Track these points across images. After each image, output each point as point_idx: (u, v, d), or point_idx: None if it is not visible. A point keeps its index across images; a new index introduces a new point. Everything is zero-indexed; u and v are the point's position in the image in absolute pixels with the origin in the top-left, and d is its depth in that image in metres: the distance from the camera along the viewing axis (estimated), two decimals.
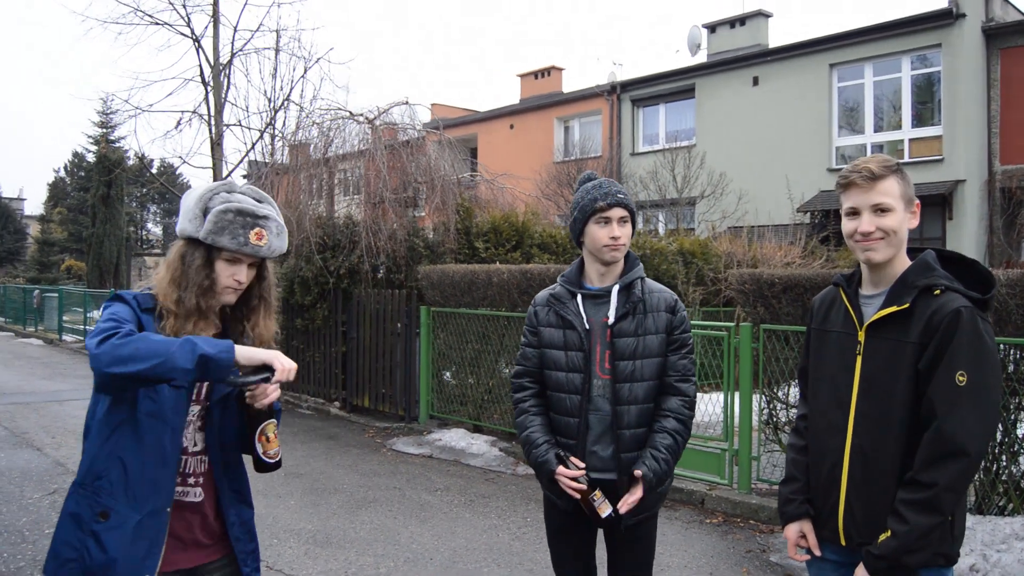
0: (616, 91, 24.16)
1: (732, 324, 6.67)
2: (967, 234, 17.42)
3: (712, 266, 12.20)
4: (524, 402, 2.94)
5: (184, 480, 2.28)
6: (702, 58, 23.68)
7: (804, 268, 10.65)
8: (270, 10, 35.26)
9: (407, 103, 12.12)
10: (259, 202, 2.34)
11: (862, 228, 2.24)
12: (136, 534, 2.15)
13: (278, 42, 16.14)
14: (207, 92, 16.17)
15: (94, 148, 38.94)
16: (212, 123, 15.99)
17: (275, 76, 16.65)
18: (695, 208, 20.75)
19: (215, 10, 16.16)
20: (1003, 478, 5.19)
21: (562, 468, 2.72)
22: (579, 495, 2.71)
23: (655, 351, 2.82)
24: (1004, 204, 17.50)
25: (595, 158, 23.79)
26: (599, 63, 63.20)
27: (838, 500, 2.31)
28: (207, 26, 16.46)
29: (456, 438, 8.50)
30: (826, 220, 17.27)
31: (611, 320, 2.80)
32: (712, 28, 23.79)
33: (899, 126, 18.82)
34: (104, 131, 39.24)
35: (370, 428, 9.46)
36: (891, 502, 2.17)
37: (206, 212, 2.24)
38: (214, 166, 16.12)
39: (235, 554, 2.37)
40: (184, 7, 16.00)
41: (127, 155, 34.39)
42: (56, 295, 23.37)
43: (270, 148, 14.95)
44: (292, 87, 16.62)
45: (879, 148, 19.00)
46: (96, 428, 2.20)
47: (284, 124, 15.94)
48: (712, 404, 7.18)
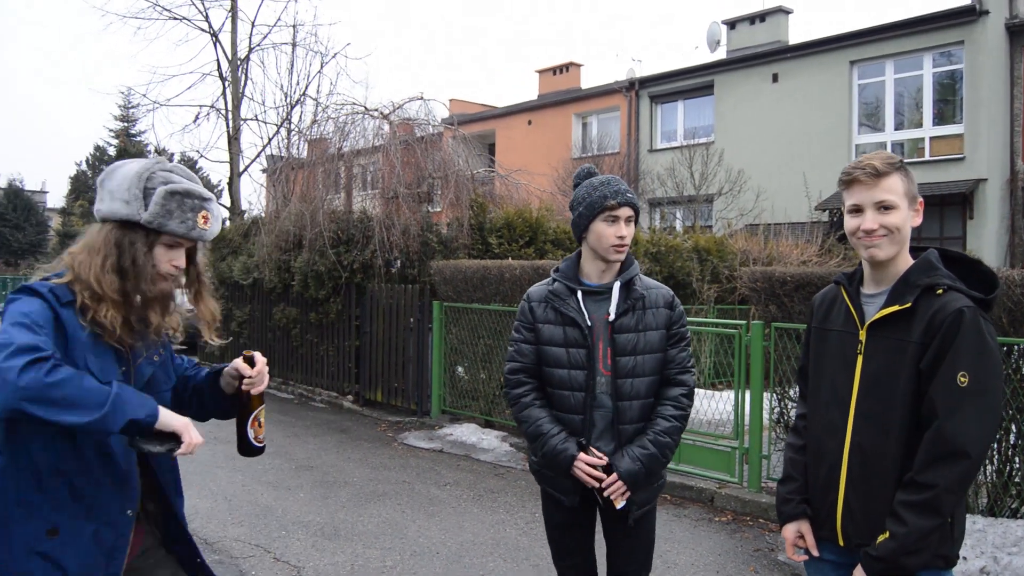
0: (634, 87, 24.06)
1: (743, 322, 6.62)
2: (988, 233, 17.21)
3: (727, 264, 12.14)
4: (525, 396, 2.87)
5: None
6: (721, 55, 23.54)
7: (819, 267, 10.57)
8: (287, 5, 35.49)
9: (422, 98, 12.15)
10: (192, 182, 2.15)
11: (865, 225, 2.22)
12: (93, 545, 2.00)
13: (295, 37, 16.28)
14: (224, 87, 16.30)
15: (115, 142, 39.29)
16: (229, 118, 16.10)
17: (292, 71, 16.79)
18: (712, 205, 20.64)
19: (233, 5, 16.29)
20: (1016, 480, 5.12)
21: (584, 456, 2.71)
22: (598, 484, 2.69)
23: (656, 346, 2.84)
24: None
25: (613, 154, 23.71)
26: (618, 59, 62.99)
27: (836, 500, 2.28)
28: (225, 21, 16.60)
29: (467, 433, 8.50)
30: (844, 218, 17.11)
31: (612, 316, 2.80)
32: (732, 24, 23.64)
33: (920, 124, 18.62)
34: (124, 125, 39.57)
35: (382, 422, 9.49)
36: (890, 503, 2.14)
37: (146, 193, 2.04)
38: (231, 160, 16.24)
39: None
40: (202, 2, 16.13)
41: (147, 149, 34.67)
42: None
43: (286, 143, 15.03)
44: (309, 82, 16.76)
45: (899, 146, 18.81)
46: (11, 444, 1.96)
47: (300, 119, 16.06)
48: (723, 402, 7.14)
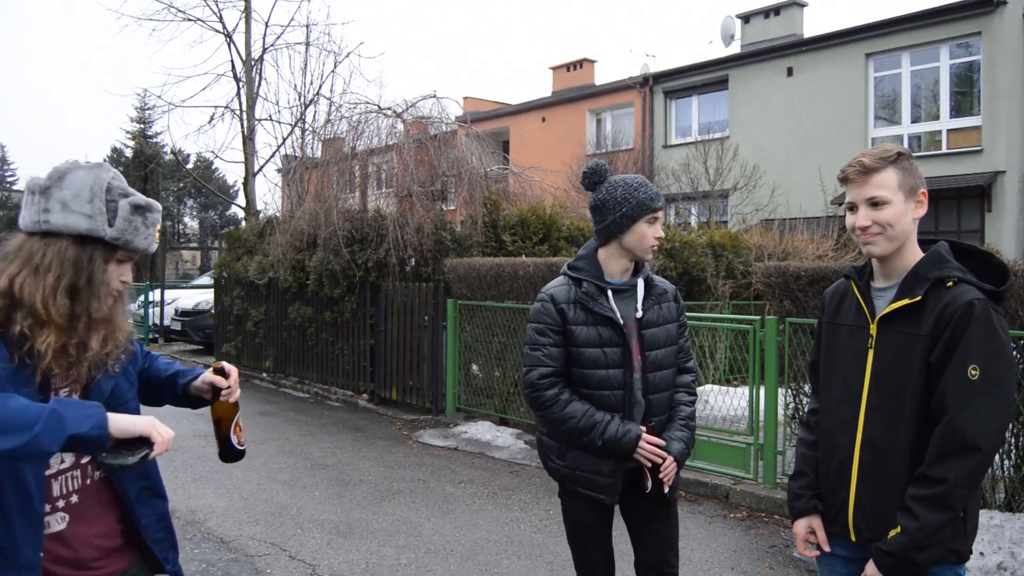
0: (649, 83, 24.00)
1: (758, 318, 6.59)
2: (1007, 226, 17.04)
3: (743, 259, 12.08)
4: (563, 394, 2.80)
5: (50, 508, 1.88)
6: (736, 49, 23.43)
7: (834, 261, 10.49)
8: (301, 5, 35.61)
9: (436, 96, 12.16)
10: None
11: (858, 223, 2.21)
12: None
13: (308, 37, 16.33)
14: (239, 87, 16.39)
15: (131, 143, 39.57)
16: (244, 118, 16.19)
17: (305, 71, 16.86)
18: (727, 201, 20.56)
19: (247, 6, 16.37)
20: None
21: (648, 436, 2.77)
22: (661, 462, 2.77)
23: (673, 339, 2.96)
24: None
25: (627, 150, 23.65)
26: (631, 55, 62.84)
27: (848, 495, 2.27)
28: (239, 22, 16.68)
29: (482, 431, 8.51)
30: None
31: (640, 313, 2.88)
32: (746, 18, 23.54)
33: (937, 116, 18.46)
34: (141, 127, 39.87)
35: (397, 420, 9.52)
36: (901, 497, 2.13)
37: (107, 206, 1.87)
38: (246, 160, 16.33)
39: (151, 556, 2.08)
40: (216, 3, 16.21)
41: (163, 150, 34.92)
42: None
43: (300, 142, 15.10)
44: (322, 82, 16.83)
45: (916, 139, 18.66)
46: None
47: (314, 118, 16.12)
48: (738, 398, 7.11)
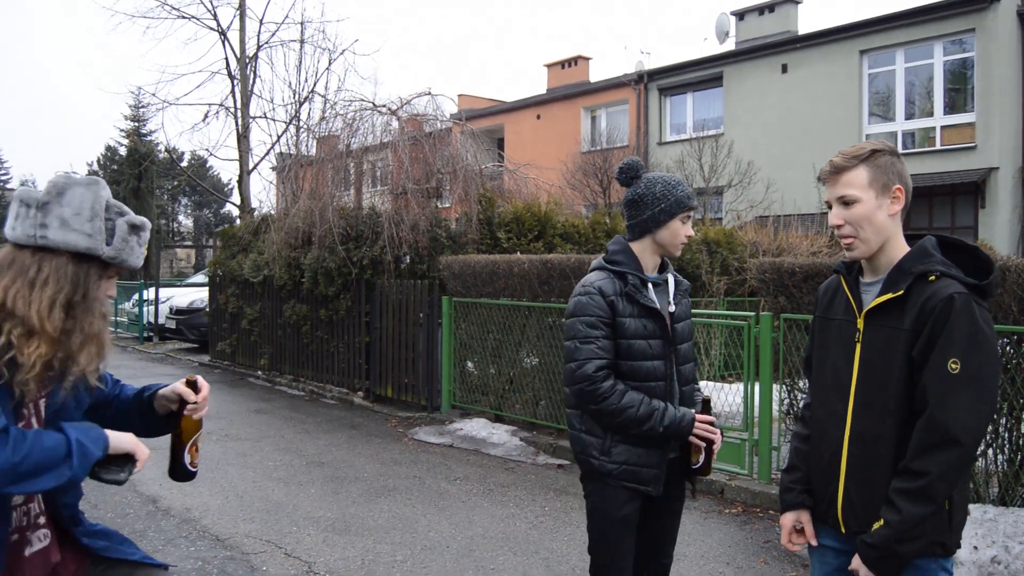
0: (643, 80, 24.00)
1: (753, 314, 6.61)
2: (1000, 223, 17.09)
3: (737, 256, 12.11)
4: (618, 384, 2.84)
5: (30, 526, 1.90)
6: (730, 46, 23.45)
7: (829, 257, 10.51)
8: (295, 2, 35.58)
9: (430, 94, 12.15)
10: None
11: (831, 221, 2.28)
12: None
13: (303, 34, 16.30)
14: (233, 85, 16.36)
15: (125, 142, 39.49)
16: (238, 116, 16.17)
17: (300, 68, 16.84)
18: (722, 197, 20.57)
19: (241, 3, 16.34)
20: None
21: (701, 416, 2.86)
22: (715, 439, 2.86)
23: (692, 333, 3.15)
24: None
25: (622, 148, 23.66)
26: (626, 52, 62.87)
27: (837, 488, 2.30)
28: (233, 19, 16.65)
29: (477, 428, 8.52)
30: None
31: (673, 308, 3.00)
32: (740, 15, 23.54)
33: (931, 113, 18.50)
34: (135, 125, 39.77)
35: (392, 418, 9.52)
36: (887, 490, 2.15)
37: (106, 225, 1.91)
38: (240, 158, 16.31)
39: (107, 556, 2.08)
40: (210, 0, 16.17)
41: (157, 148, 34.86)
42: None
43: (295, 140, 15.08)
44: (317, 79, 16.83)
45: (910, 135, 18.70)
46: None
47: (309, 116, 16.11)
48: (733, 394, 7.12)
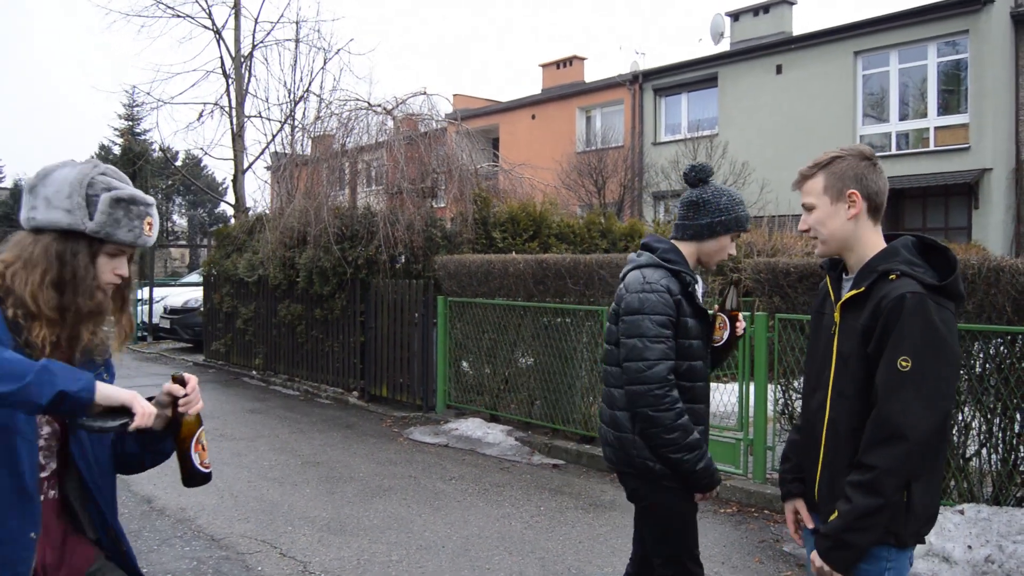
0: (638, 80, 24.03)
1: (747, 313, 6.62)
2: (993, 223, 17.16)
3: (732, 256, 12.13)
4: (679, 401, 2.80)
5: (43, 470, 1.93)
6: (725, 46, 23.49)
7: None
8: (290, 1, 35.51)
9: (426, 94, 12.14)
10: (130, 185, 2.03)
11: (799, 226, 2.42)
12: None
13: (298, 33, 16.28)
14: (228, 84, 16.32)
15: (119, 141, 39.38)
16: (233, 115, 16.13)
17: (295, 68, 16.85)
18: None
19: (236, 2, 16.30)
20: (1021, 469, 5.11)
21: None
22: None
23: None
24: None
25: (616, 148, 23.69)
26: (621, 52, 62.94)
27: (815, 477, 2.38)
28: (228, 18, 16.62)
29: (472, 427, 8.51)
30: None
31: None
32: (735, 16, 23.59)
33: (925, 114, 18.57)
34: (129, 124, 39.68)
35: (388, 417, 9.51)
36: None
37: (88, 201, 1.92)
38: (235, 157, 16.27)
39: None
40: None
41: (152, 147, 34.78)
42: None
43: (290, 139, 15.06)
44: (312, 78, 16.79)
45: (904, 136, 18.76)
46: None
47: (304, 115, 16.08)
48: (727, 394, 7.13)
